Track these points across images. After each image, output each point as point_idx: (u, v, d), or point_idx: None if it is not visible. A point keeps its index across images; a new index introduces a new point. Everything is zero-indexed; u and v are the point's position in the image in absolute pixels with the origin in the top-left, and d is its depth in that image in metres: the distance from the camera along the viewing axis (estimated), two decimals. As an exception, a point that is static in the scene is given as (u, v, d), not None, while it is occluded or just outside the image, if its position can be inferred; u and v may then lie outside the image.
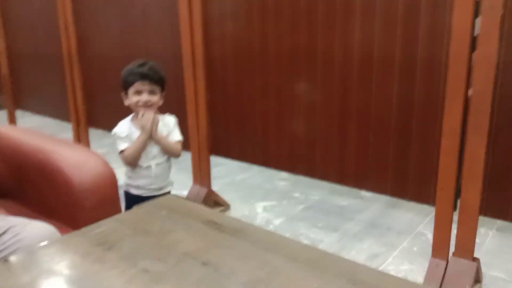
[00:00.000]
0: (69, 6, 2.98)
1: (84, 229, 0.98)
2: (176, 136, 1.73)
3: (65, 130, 4.18)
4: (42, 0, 4.39)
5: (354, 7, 2.46)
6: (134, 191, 1.72)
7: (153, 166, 1.69)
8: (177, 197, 1.15)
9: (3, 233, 1.03)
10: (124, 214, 1.07)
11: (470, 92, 1.51)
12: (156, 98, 1.67)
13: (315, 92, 2.74)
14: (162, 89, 1.71)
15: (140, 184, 1.70)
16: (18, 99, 4.99)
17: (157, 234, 0.94)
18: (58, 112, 4.72)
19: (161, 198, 1.15)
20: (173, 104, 3.50)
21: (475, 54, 1.48)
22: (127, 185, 1.73)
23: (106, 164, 1.37)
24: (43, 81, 4.80)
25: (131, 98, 1.66)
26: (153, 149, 1.69)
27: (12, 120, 4.02)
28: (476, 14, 1.45)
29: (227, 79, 3.14)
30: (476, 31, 1.45)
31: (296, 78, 2.81)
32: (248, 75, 3.03)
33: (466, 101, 1.51)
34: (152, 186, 1.72)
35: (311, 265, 0.80)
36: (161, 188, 1.74)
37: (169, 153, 1.73)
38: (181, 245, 0.89)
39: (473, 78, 1.47)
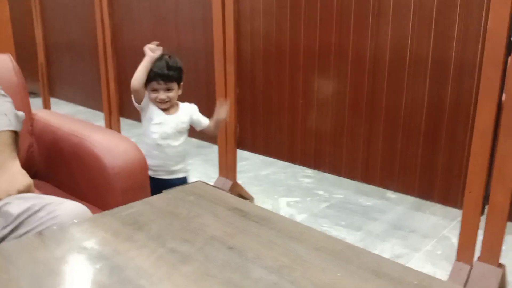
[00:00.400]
0: (105, -2, 3.06)
1: (115, 209, 1.02)
2: (203, 119, 1.86)
3: (97, 119, 4.30)
4: (79, -8, 4.50)
5: (387, 6, 2.44)
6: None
7: (164, 145, 1.76)
8: (205, 184, 1.17)
9: (39, 210, 1.08)
10: (153, 197, 1.10)
11: (503, 95, 1.48)
12: (173, 94, 1.75)
13: (344, 90, 2.73)
14: (180, 81, 1.79)
15: (151, 164, 1.74)
16: (53, 87, 5.14)
17: (184, 218, 0.97)
18: (90, 101, 4.85)
19: (189, 185, 1.18)
20: (202, 97, 3.55)
21: (510, 58, 1.45)
22: None
23: (138, 150, 1.41)
24: (77, 71, 4.94)
25: (149, 94, 1.76)
26: (167, 128, 1.76)
27: (46, 106, 4.16)
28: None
29: (256, 74, 3.16)
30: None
31: (325, 76, 2.80)
32: (278, 71, 3.03)
33: (499, 104, 1.48)
34: (163, 168, 1.77)
35: (335, 256, 0.81)
36: (172, 172, 1.80)
37: (218, 129, 1.86)
38: (207, 229, 0.91)
39: (507, 82, 1.44)
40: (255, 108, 3.23)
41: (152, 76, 1.72)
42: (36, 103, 4.58)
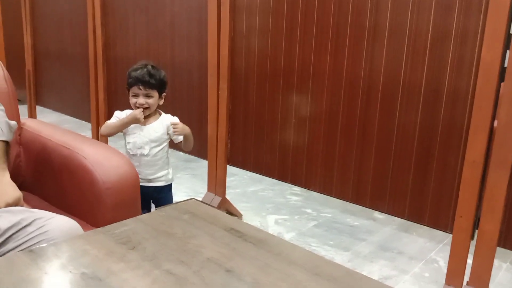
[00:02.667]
0: (98, 8, 3.04)
1: (107, 227, 1.00)
2: (180, 136, 1.88)
3: (83, 129, 4.24)
4: (71, 0, 4.48)
5: (382, 32, 2.48)
6: None
7: (138, 155, 1.81)
8: (199, 202, 1.15)
9: (28, 224, 1.05)
10: (146, 215, 1.08)
11: (495, 124, 1.50)
12: (152, 101, 1.81)
13: (337, 111, 2.75)
14: (161, 91, 1.84)
15: None
16: (39, 95, 5.07)
17: (180, 238, 0.95)
18: (77, 110, 4.79)
19: (183, 203, 1.16)
20: (194, 111, 3.54)
21: (503, 86, 1.48)
22: None
23: (130, 164, 1.39)
24: (65, 79, 4.88)
25: (130, 99, 1.83)
26: (140, 139, 1.81)
27: (32, 115, 4.09)
28: (507, 46, 1.46)
29: (249, 92, 3.17)
30: (506, 63, 1.46)
31: (319, 97, 2.82)
32: (271, 90, 3.05)
33: (491, 132, 1.51)
34: (141, 176, 1.78)
35: (335, 282, 0.80)
36: (150, 180, 1.84)
37: (189, 143, 1.88)
38: (204, 251, 0.90)
39: (499, 110, 1.47)
40: (247, 125, 3.23)
41: (133, 81, 1.80)
42: (21, 111, 4.50)
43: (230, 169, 3.25)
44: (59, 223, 1.06)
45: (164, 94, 1.87)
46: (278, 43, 2.92)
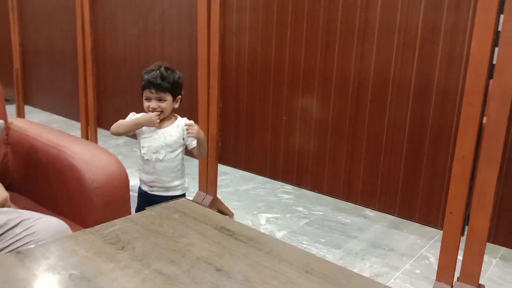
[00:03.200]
0: (87, 5, 3.01)
1: (96, 227, 0.98)
2: (193, 142, 1.77)
3: (72, 128, 4.20)
4: (59, -2, 4.43)
5: (372, 29, 2.48)
6: (143, 187, 1.80)
7: (152, 160, 1.73)
8: (190, 201, 1.14)
9: (15, 225, 1.03)
10: (136, 215, 1.07)
11: (484, 120, 1.51)
12: (165, 105, 1.72)
13: (328, 109, 2.75)
14: (176, 94, 1.75)
15: (144, 179, 1.78)
16: (27, 94, 5.02)
17: (170, 237, 0.94)
18: (66, 110, 4.74)
19: (173, 202, 1.15)
20: (184, 110, 3.52)
21: (491, 83, 1.48)
22: (139, 179, 1.82)
23: (119, 163, 1.38)
24: (54, 78, 4.83)
25: (144, 103, 1.75)
26: (155, 143, 1.73)
27: (20, 114, 4.04)
28: (495, 43, 1.46)
29: (240, 90, 3.16)
30: (495, 60, 1.46)
31: (309, 94, 2.82)
32: (262, 88, 3.04)
33: (480, 129, 1.51)
34: (157, 184, 1.75)
35: (325, 279, 0.79)
36: (168, 189, 1.77)
37: (203, 148, 1.79)
38: (194, 249, 0.89)
39: (488, 107, 1.47)
40: (238, 124, 3.22)
41: (145, 84, 1.72)
42: (9, 110, 4.45)
43: (221, 168, 3.24)
44: (47, 224, 1.05)
45: (180, 97, 1.78)
46: (269, 40, 2.92)
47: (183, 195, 1.81)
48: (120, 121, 1.76)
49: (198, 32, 2.26)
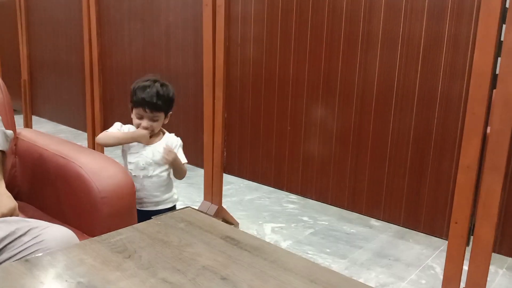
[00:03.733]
0: (94, 18, 3.06)
1: (103, 236, 1.00)
2: (182, 158, 1.72)
3: (79, 139, 4.23)
4: (66, 10, 4.50)
5: (375, 39, 2.50)
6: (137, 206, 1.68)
7: (140, 176, 1.66)
8: (195, 210, 1.16)
9: (24, 234, 1.05)
10: (142, 224, 1.08)
11: (488, 130, 1.52)
12: (157, 124, 1.67)
13: (332, 119, 2.76)
14: (168, 111, 1.71)
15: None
16: (35, 105, 5.07)
17: (176, 246, 0.95)
18: (73, 120, 4.79)
19: (179, 211, 1.16)
20: (190, 120, 3.55)
21: (495, 92, 1.49)
22: None
23: (126, 173, 1.39)
24: (61, 89, 4.89)
25: (133, 119, 1.69)
26: (143, 160, 1.66)
27: (28, 125, 4.08)
28: (498, 53, 1.47)
29: (245, 100, 3.18)
30: (497, 70, 1.47)
31: (313, 104, 2.83)
32: (266, 98, 3.06)
33: (484, 138, 1.52)
34: (148, 200, 1.68)
35: (330, 288, 0.80)
36: (158, 203, 1.72)
37: (178, 173, 1.73)
38: (200, 259, 0.90)
39: (492, 116, 1.48)
40: (243, 134, 3.24)
41: (139, 102, 1.63)
42: (17, 121, 4.50)
43: (226, 178, 3.25)
44: (54, 233, 1.06)
45: (171, 113, 1.73)
46: (273, 51, 2.94)
47: (174, 207, 1.77)
48: (109, 133, 1.69)
49: (204, 44, 2.29)
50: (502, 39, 1.47)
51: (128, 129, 1.72)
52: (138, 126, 1.67)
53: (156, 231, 1.02)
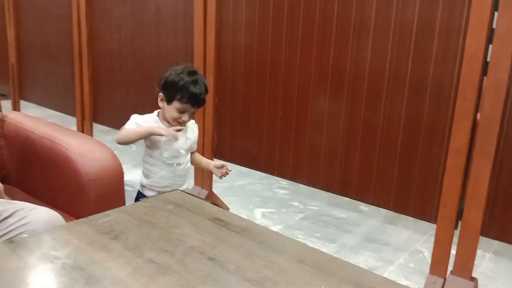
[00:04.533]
0: (83, 0, 3.00)
1: (90, 217, 0.98)
2: (196, 147, 1.76)
3: (68, 124, 4.19)
4: (55, -7, 4.41)
5: (368, 24, 2.48)
6: (149, 193, 1.65)
7: (174, 165, 1.64)
8: (184, 192, 1.15)
9: (9, 216, 1.03)
10: (130, 205, 1.07)
11: (478, 116, 1.52)
12: (193, 117, 1.66)
13: (324, 103, 2.76)
14: None
15: (158, 185, 1.64)
16: (23, 89, 5.00)
17: (163, 227, 0.94)
18: (62, 105, 4.73)
19: (167, 193, 1.15)
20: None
21: (485, 80, 1.49)
22: (143, 186, 1.67)
23: (114, 156, 1.38)
24: (50, 73, 4.82)
25: (171, 112, 1.58)
26: (178, 147, 1.63)
27: (16, 109, 4.03)
28: (490, 40, 1.47)
29: (236, 85, 3.15)
30: (489, 58, 1.47)
31: (305, 90, 2.82)
32: (258, 83, 3.04)
33: (474, 123, 1.52)
34: (170, 189, 1.61)
35: (318, 268, 0.80)
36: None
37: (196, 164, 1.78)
38: (187, 240, 0.89)
39: (482, 101, 1.48)
40: (234, 119, 3.22)
41: (190, 98, 1.55)
42: (4, 106, 4.43)
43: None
44: (40, 214, 1.05)
45: None
46: (265, 35, 2.91)
47: None
48: (129, 129, 1.56)
49: (194, 28, 2.26)
50: (494, 26, 1.46)
51: (146, 119, 1.62)
52: (176, 119, 1.59)
53: (144, 212, 1.01)
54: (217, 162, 1.77)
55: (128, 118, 1.63)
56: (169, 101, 1.58)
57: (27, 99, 5.19)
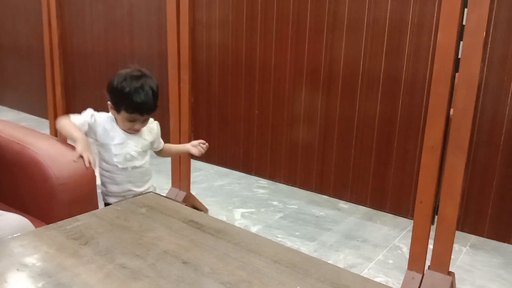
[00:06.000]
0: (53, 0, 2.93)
1: (59, 223, 0.95)
2: (161, 143, 1.69)
3: (42, 127, 4.09)
4: (25, -7, 4.30)
5: (341, 21, 2.49)
6: (111, 199, 1.56)
7: (129, 169, 1.53)
8: (157, 195, 1.12)
9: (-26, 223, 0.99)
10: (101, 209, 1.04)
11: (451, 112, 1.53)
12: (147, 122, 1.54)
13: (300, 102, 2.76)
14: None
15: (117, 190, 1.55)
16: (-6, 92, 4.86)
17: (136, 231, 0.92)
18: (35, 107, 4.61)
19: (140, 196, 1.13)
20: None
21: (457, 76, 1.51)
22: (105, 194, 1.58)
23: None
24: (21, 75, 4.69)
25: (122, 121, 1.49)
26: (130, 150, 1.52)
27: (-14, 112, 3.91)
28: (461, 36, 1.48)
29: (212, 83, 3.13)
30: (461, 53, 1.49)
31: (281, 88, 2.81)
32: (233, 82, 3.02)
33: (448, 119, 1.54)
34: (131, 192, 1.57)
35: (294, 268, 0.79)
36: (140, 194, 1.63)
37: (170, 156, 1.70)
38: (160, 243, 0.87)
39: (455, 97, 1.50)
40: (210, 118, 3.19)
41: (135, 108, 1.44)
42: (-25, 108, 4.30)
43: (196, 164, 3.21)
44: (8, 221, 1.01)
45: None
46: (239, 33, 2.90)
47: None
48: (67, 124, 1.47)
49: (168, 25, 2.22)
50: (464, 23, 1.48)
51: (101, 117, 1.53)
52: (129, 129, 1.50)
53: (116, 216, 0.99)
54: (193, 142, 1.71)
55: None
56: (117, 110, 1.48)
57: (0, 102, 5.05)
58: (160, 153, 1.72)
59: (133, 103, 1.42)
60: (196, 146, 1.70)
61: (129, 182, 1.54)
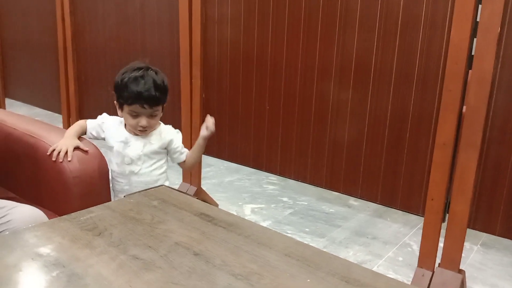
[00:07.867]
0: (67, -4, 2.96)
1: (73, 214, 0.97)
2: (183, 154, 1.56)
3: (55, 122, 4.13)
4: (39, -11, 4.35)
5: (353, 18, 2.48)
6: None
7: (127, 173, 1.45)
8: (170, 188, 1.13)
9: (-11, 214, 1.01)
10: (114, 202, 1.05)
11: (464, 109, 1.52)
12: (156, 120, 1.42)
13: (311, 98, 2.75)
14: (165, 101, 1.44)
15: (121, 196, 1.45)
16: (7, 87, 4.92)
17: (148, 223, 0.93)
18: (48, 102, 4.67)
19: (153, 189, 1.14)
20: (167, 100, 3.48)
21: (470, 73, 1.49)
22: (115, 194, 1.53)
23: (98, 152, 1.35)
24: (35, 70, 4.75)
25: (127, 119, 1.41)
26: (130, 151, 1.44)
27: (1, 107, 3.96)
28: (474, 33, 1.47)
29: (223, 80, 3.14)
30: (473, 51, 1.47)
31: (292, 83, 2.81)
32: (244, 78, 3.03)
33: (460, 115, 1.52)
34: None
35: (304, 262, 0.79)
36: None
37: (195, 161, 1.57)
38: (172, 235, 0.88)
39: (468, 94, 1.48)
40: (221, 114, 3.20)
41: (135, 98, 1.34)
42: (-11, 103, 4.36)
43: (207, 160, 3.23)
44: (22, 212, 1.02)
45: (165, 103, 1.45)
46: (251, 29, 2.90)
47: None
48: (75, 125, 1.45)
49: (180, 22, 2.23)
50: (478, 19, 1.47)
51: (113, 121, 1.49)
52: (135, 127, 1.41)
53: (129, 209, 1.00)
54: (202, 129, 1.60)
55: (114, 114, 1.56)
56: (120, 107, 1.41)
57: (13, 97, 5.11)
58: (184, 165, 1.59)
59: (131, 93, 1.35)
60: (203, 129, 1.57)
61: (129, 191, 1.40)
